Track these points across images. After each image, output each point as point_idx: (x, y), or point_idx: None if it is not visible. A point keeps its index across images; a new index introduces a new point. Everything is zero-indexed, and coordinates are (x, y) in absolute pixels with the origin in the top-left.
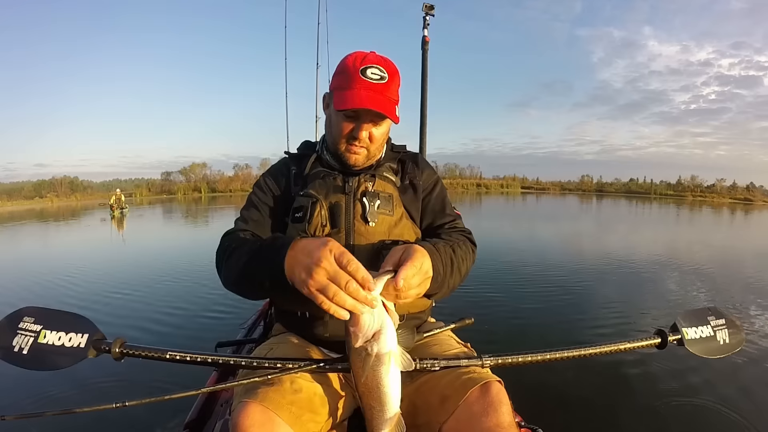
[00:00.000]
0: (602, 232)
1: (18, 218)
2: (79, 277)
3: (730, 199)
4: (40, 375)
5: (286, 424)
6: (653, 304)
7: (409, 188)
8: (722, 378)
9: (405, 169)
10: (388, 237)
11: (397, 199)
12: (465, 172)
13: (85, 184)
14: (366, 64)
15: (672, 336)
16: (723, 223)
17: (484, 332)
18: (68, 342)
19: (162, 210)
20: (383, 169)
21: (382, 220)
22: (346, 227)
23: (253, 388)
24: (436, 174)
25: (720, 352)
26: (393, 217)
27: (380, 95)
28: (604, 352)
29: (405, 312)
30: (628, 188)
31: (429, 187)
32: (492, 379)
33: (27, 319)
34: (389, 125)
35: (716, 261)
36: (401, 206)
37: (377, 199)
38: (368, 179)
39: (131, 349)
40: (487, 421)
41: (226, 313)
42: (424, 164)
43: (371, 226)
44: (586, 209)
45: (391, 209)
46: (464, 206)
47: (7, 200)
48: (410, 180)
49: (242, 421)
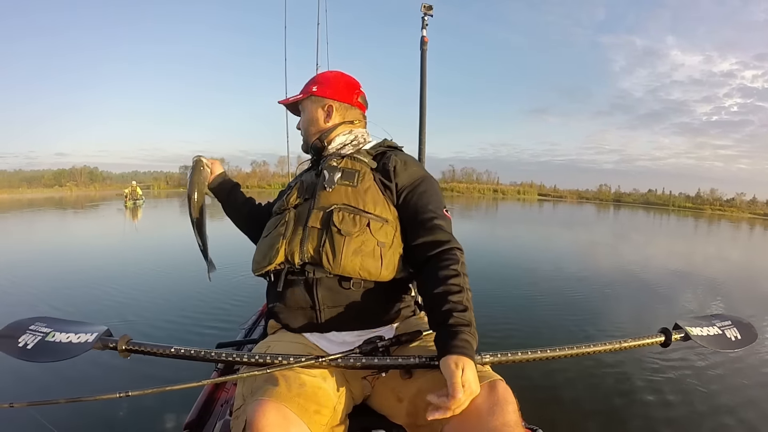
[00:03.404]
0: (616, 241)
1: (37, 205)
2: (77, 267)
3: (750, 213)
4: (51, 369)
5: (298, 417)
6: (660, 313)
7: (382, 171)
8: (725, 380)
9: (382, 158)
10: (342, 201)
11: (365, 174)
12: (482, 177)
13: (104, 175)
14: None
15: (676, 334)
16: (741, 238)
17: (484, 331)
18: (76, 339)
19: (176, 203)
20: (360, 153)
21: (341, 189)
22: (312, 195)
23: (259, 387)
24: (421, 173)
25: (735, 347)
26: (356, 188)
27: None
28: (607, 350)
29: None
30: (646, 199)
31: (410, 184)
32: (497, 378)
33: (39, 324)
34: (310, 111)
35: (731, 275)
36: (371, 181)
37: (338, 172)
38: (337, 159)
39: (137, 346)
40: (494, 420)
41: (226, 313)
42: (409, 161)
43: (328, 191)
44: (602, 218)
45: (353, 182)
46: (480, 210)
47: (27, 188)
48: (383, 166)
49: (259, 420)
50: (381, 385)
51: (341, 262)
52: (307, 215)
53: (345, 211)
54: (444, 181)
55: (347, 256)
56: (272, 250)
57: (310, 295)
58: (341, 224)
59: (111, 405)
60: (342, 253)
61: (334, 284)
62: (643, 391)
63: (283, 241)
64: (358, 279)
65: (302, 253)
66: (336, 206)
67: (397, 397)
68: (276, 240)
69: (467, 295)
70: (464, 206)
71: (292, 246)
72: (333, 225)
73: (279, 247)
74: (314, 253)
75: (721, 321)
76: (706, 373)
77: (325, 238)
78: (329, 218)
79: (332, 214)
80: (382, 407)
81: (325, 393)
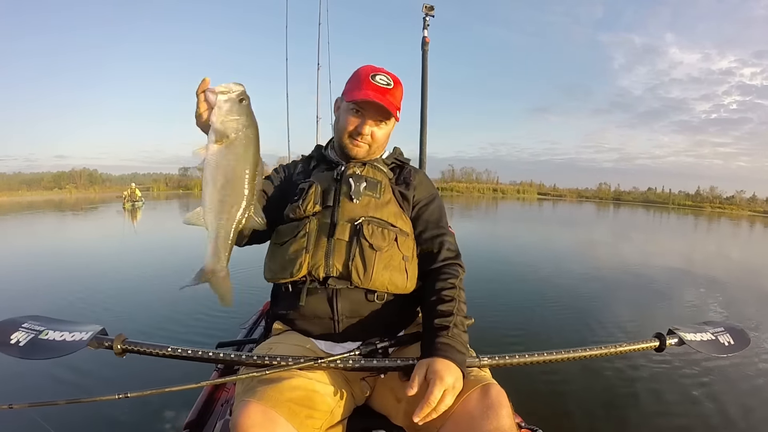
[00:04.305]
0: (615, 240)
1: (36, 207)
2: (74, 269)
3: (750, 211)
4: (50, 371)
5: (286, 421)
6: (659, 314)
7: (403, 185)
8: (721, 381)
9: (402, 172)
10: (369, 213)
11: (386, 186)
12: (482, 177)
13: (104, 177)
14: (376, 72)
15: (670, 339)
16: (741, 236)
17: (483, 333)
18: (70, 338)
19: (175, 204)
20: (378, 161)
21: (367, 200)
22: (333, 204)
23: (252, 387)
24: (435, 191)
25: (728, 352)
26: (379, 200)
27: (384, 96)
28: (603, 355)
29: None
30: (645, 197)
31: (426, 200)
32: (491, 382)
33: (32, 322)
34: (391, 128)
35: (731, 274)
36: (390, 193)
37: (363, 182)
38: (359, 166)
39: (132, 345)
40: (487, 424)
41: (226, 313)
42: (424, 177)
43: (355, 203)
44: (602, 217)
45: (377, 193)
46: (479, 210)
47: (27, 190)
48: (404, 180)
49: (243, 422)
50: (381, 385)
51: (372, 276)
52: (332, 226)
53: (374, 225)
54: (444, 180)
55: (378, 271)
56: (294, 264)
57: (330, 306)
58: (372, 238)
59: (110, 405)
60: (373, 268)
61: (357, 296)
62: (644, 391)
63: (306, 255)
64: (383, 292)
65: (328, 267)
66: (365, 219)
67: (396, 397)
68: (298, 253)
69: (458, 306)
70: (464, 206)
71: (316, 259)
72: (364, 239)
73: (302, 261)
74: (342, 268)
75: (714, 327)
76: (706, 374)
77: (354, 253)
78: (359, 232)
79: (362, 228)
80: (383, 407)
81: (320, 397)
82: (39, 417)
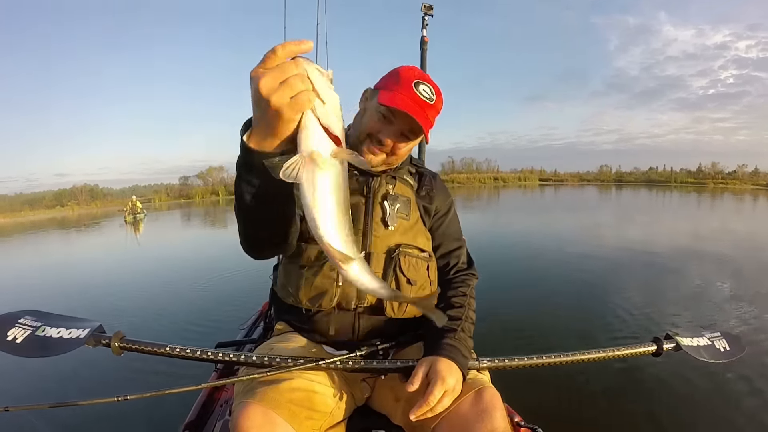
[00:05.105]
0: (618, 225)
1: (39, 226)
2: (79, 277)
3: (753, 185)
4: (46, 371)
5: (286, 422)
6: (664, 308)
7: (426, 198)
8: (720, 383)
9: (423, 181)
10: (403, 241)
11: (414, 203)
12: (482, 166)
13: (105, 191)
14: (421, 79)
15: (667, 344)
16: (745, 211)
17: (483, 334)
18: (67, 335)
19: (177, 214)
20: (403, 172)
21: (399, 224)
22: (363, 230)
23: (251, 387)
24: (451, 198)
25: (724, 357)
26: (409, 221)
27: (423, 111)
28: (600, 358)
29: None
30: (647, 177)
31: (444, 210)
32: (486, 385)
33: (29, 318)
34: (415, 144)
35: (739, 250)
36: (417, 210)
37: (397, 203)
38: (389, 181)
39: (130, 344)
40: (481, 427)
41: (226, 314)
42: (442, 185)
43: (390, 230)
44: (605, 200)
45: (408, 213)
46: (481, 201)
47: (30, 210)
48: (426, 192)
49: (242, 423)
50: (381, 385)
51: (406, 309)
52: (366, 257)
53: (410, 256)
54: (444, 173)
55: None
56: (322, 297)
57: (352, 328)
58: (408, 272)
59: (110, 405)
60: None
61: (381, 319)
62: (644, 391)
63: (337, 289)
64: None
65: (360, 300)
66: (400, 248)
67: (395, 396)
68: (326, 285)
69: (467, 312)
70: (465, 197)
71: (347, 293)
72: (401, 273)
73: (332, 295)
74: (376, 302)
75: (710, 332)
76: (706, 374)
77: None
78: (396, 264)
79: (399, 260)
80: (383, 407)
81: (320, 398)
82: (35, 419)
